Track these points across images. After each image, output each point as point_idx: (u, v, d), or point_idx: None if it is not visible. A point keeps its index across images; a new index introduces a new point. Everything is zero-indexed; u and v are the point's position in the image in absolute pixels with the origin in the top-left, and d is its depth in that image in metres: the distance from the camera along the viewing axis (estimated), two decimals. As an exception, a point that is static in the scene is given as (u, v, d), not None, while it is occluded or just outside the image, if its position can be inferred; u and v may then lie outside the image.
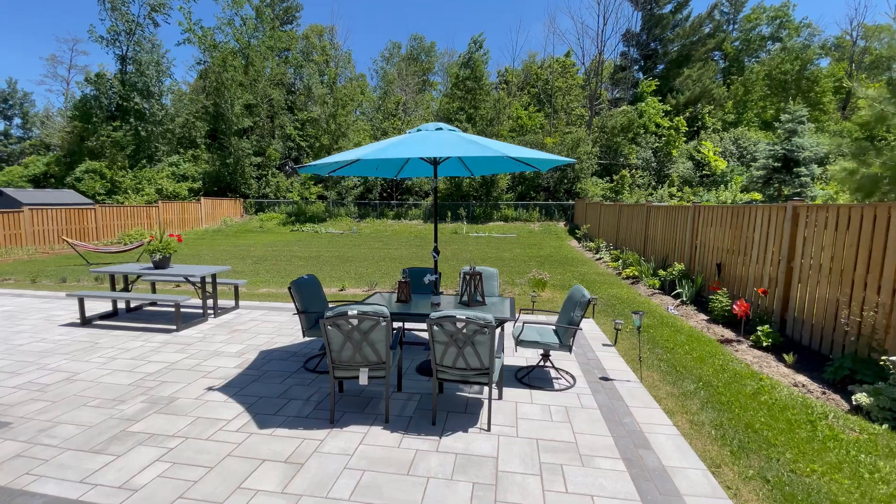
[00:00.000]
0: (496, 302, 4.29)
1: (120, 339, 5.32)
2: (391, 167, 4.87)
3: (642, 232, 11.90)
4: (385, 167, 4.82)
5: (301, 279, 4.43)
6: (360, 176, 26.56)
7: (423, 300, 4.37)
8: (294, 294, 4.24)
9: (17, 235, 14.94)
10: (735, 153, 28.64)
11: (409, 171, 5.00)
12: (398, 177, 5.18)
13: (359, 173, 4.73)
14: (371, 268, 11.53)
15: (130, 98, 27.49)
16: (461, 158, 4.80)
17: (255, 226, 24.10)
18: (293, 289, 4.24)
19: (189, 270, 6.01)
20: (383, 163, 4.66)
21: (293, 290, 4.24)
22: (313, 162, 3.62)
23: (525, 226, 23.46)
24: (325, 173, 4.48)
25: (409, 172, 5.06)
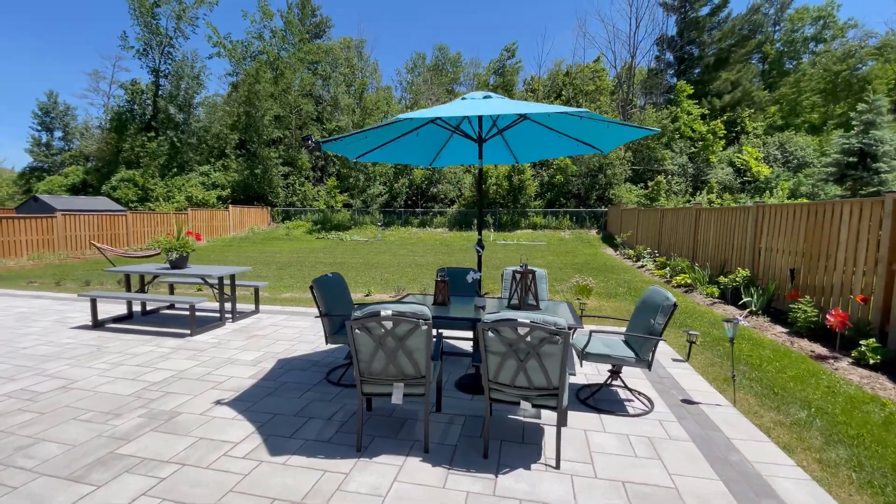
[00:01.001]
0: (551, 306, 3.61)
1: (129, 343, 4.87)
2: (427, 149, 4.27)
3: (690, 237, 10.96)
4: (421, 150, 4.23)
5: (325, 277, 3.86)
6: (396, 163, 26.33)
7: (464, 303, 3.73)
8: (316, 294, 3.67)
9: (49, 240, 15.13)
10: (780, 158, 27.03)
11: (447, 156, 4.40)
12: (432, 165, 4.59)
13: (390, 159, 4.17)
14: (397, 274, 10.98)
15: (164, 109, 28.23)
16: (507, 142, 4.17)
17: (281, 233, 24.06)
18: (315, 288, 3.68)
19: (206, 271, 5.56)
20: (419, 144, 4.06)
21: (315, 289, 3.67)
22: (341, 135, 3.06)
23: (555, 233, 22.57)
24: (353, 157, 3.94)
25: (448, 158, 4.46)
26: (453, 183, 27.22)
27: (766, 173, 25.77)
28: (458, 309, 3.49)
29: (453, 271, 4.51)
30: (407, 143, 3.89)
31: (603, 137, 3.56)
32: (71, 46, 61.67)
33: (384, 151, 3.94)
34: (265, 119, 27.31)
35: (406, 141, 3.84)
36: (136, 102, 30.90)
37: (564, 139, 3.80)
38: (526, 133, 3.83)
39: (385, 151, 3.94)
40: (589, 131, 3.55)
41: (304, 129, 31.76)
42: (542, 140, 3.94)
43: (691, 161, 27.30)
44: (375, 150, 3.85)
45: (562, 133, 3.73)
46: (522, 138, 3.99)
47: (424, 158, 4.43)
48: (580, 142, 3.80)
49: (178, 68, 29.13)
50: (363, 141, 3.44)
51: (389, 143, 3.81)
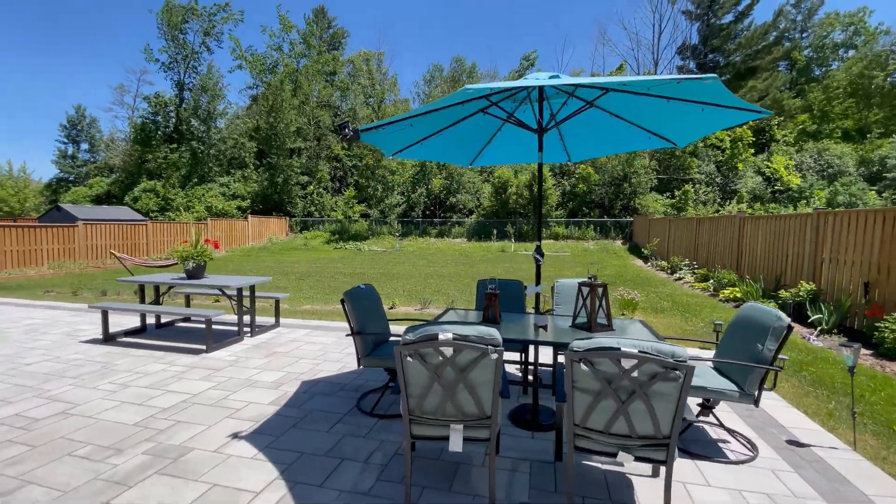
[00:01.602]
0: (625, 326, 3.05)
1: (140, 360, 4.45)
2: (472, 144, 3.78)
3: (732, 247, 10.25)
4: (465, 145, 3.75)
5: (357, 290, 3.38)
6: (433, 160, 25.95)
7: (515, 320, 3.20)
8: (348, 308, 3.18)
9: (70, 249, 15.10)
10: (815, 167, 25.93)
11: (492, 152, 3.91)
12: (473, 164, 4.10)
13: (429, 155, 3.71)
14: (419, 284, 10.49)
15: (186, 121, 28.60)
16: (562, 136, 3.67)
17: (299, 243, 23.88)
18: (347, 302, 3.19)
19: (224, 281, 5.15)
20: (465, 136, 3.57)
21: (347, 303, 3.19)
22: (382, 121, 2.60)
23: (578, 244, 21.87)
24: (390, 153, 3.48)
25: (493, 155, 3.96)
26: (472, 193, 26.79)
27: (797, 182, 24.70)
28: (514, 328, 2.96)
29: (502, 283, 3.99)
30: (451, 136, 3.41)
31: (685, 125, 3.03)
32: (97, 62, 63.78)
33: (424, 146, 3.47)
34: (288, 129, 27.43)
35: (451, 133, 3.36)
36: (160, 114, 31.43)
37: (634, 130, 3.28)
38: (588, 123, 3.32)
39: (425, 146, 3.47)
40: (668, 118, 3.02)
41: (320, 141, 31.84)
42: (606, 132, 3.42)
43: (718, 170, 26.36)
44: (415, 144, 3.38)
45: (632, 123, 3.21)
46: (582, 130, 3.48)
47: (466, 155, 3.95)
48: (652, 133, 3.27)
49: (201, 81, 29.57)
50: (404, 132, 2.98)
51: (431, 137, 3.34)
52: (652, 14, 32.96)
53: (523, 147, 3.71)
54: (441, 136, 3.33)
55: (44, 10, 57.86)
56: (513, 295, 4.04)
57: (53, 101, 67.12)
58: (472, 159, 3.98)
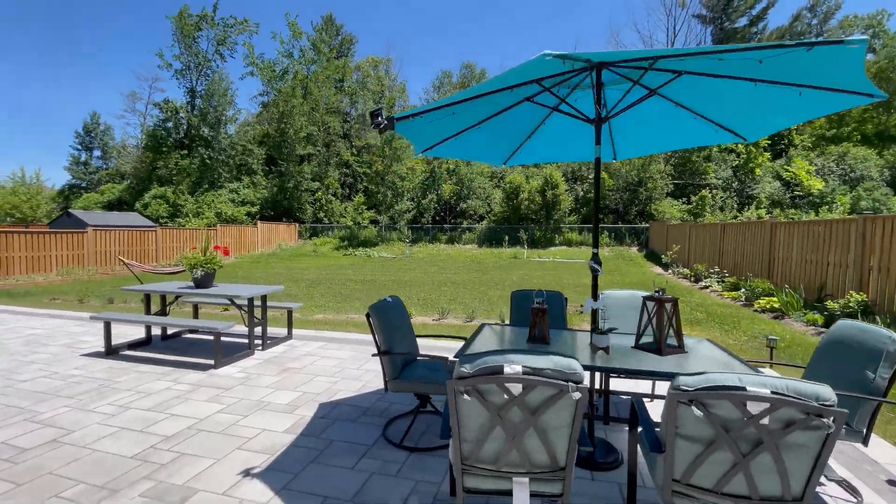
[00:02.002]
0: (693, 346, 2.63)
1: (143, 377, 4.10)
2: (511, 138, 3.38)
3: (763, 254, 9.77)
4: (503, 140, 3.36)
5: (384, 303, 3.00)
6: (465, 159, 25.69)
7: (568, 341, 2.80)
8: (374, 324, 2.81)
9: (80, 256, 14.94)
10: (836, 171, 25.24)
11: (532, 149, 3.51)
12: (507, 164, 3.72)
13: (461, 153, 3.35)
14: (433, 292, 10.11)
15: (198, 128, 28.64)
16: (610, 130, 3.28)
17: (308, 250, 23.65)
18: (374, 317, 2.81)
19: (235, 290, 4.80)
20: (505, 130, 3.18)
21: (374, 318, 2.81)
22: (421, 108, 2.24)
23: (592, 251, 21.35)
24: (420, 150, 3.11)
25: (531, 153, 3.57)
26: (482, 198, 26.44)
27: (819, 187, 24.02)
28: (569, 351, 2.56)
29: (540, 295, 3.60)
30: (489, 130, 3.04)
31: (765, 115, 2.63)
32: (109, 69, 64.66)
33: (459, 142, 3.09)
34: (298, 135, 27.35)
35: (489, 127, 2.99)
36: (171, 121, 31.58)
37: (700, 123, 2.88)
38: (644, 116, 2.93)
39: (460, 141, 3.09)
40: (745, 107, 2.63)
41: (330, 147, 31.73)
42: (664, 125, 3.02)
43: (735, 175, 25.77)
44: (449, 139, 3.01)
45: (699, 114, 2.82)
46: (634, 124, 3.09)
47: (501, 153, 3.56)
48: (721, 126, 2.87)
49: (212, 88, 29.66)
50: (442, 122, 2.61)
51: (468, 131, 2.97)
52: (666, 17, 32.45)
53: (568, 142, 3.33)
54: (479, 129, 2.96)
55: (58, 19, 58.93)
56: (553, 309, 3.63)
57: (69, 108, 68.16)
58: (508, 157, 3.60)
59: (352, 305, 8.42)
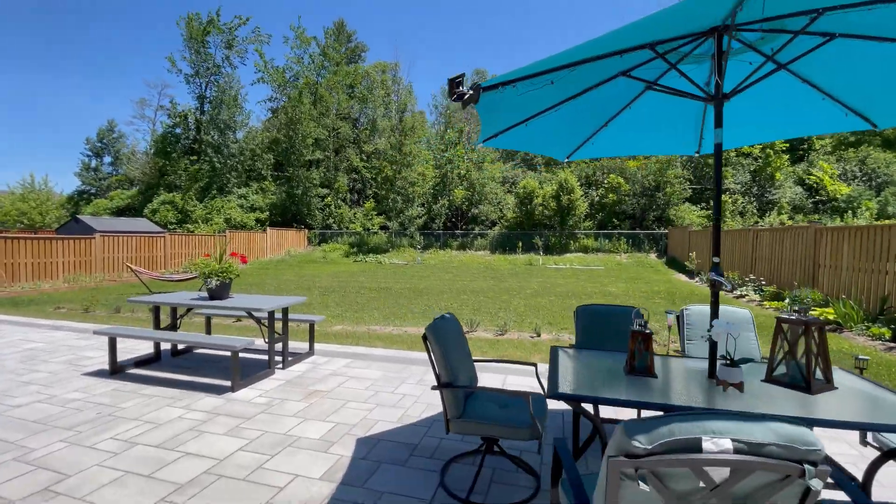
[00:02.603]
0: (840, 380, 2.08)
1: (151, 402, 3.60)
2: (584, 125, 2.86)
3: (805, 262, 9.17)
4: (575, 128, 2.84)
5: (442, 322, 2.48)
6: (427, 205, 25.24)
7: (676, 372, 2.26)
8: (434, 349, 2.29)
9: (87, 262, 14.58)
10: (859, 176, 24.51)
11: (610, 138, 2.99)
12: (570, 159, 3.21)
13: (528, 146, 2.86)
14: (453, 301, 9.59)
15: (207, 133, 28.45)
16: (705, 115, 2.76)
17: (318, 256, 23.24)
18: (433, 340, 2.30)
19: (253, 302, 4.32)
20: (586, 112, 2.66)
21: (433, 341, 2.30)
22: (510, 74, 1.74)
23: (609, 257, 20.78)
24: (482, 139, 2.62)
25: (609, 143, 3.05)
26: (494, 203, 25.95)
27: (845, 192, 23.29)
28: (683, 388, 2.03)
29: (612, 311, 3.08)
30: (568, 114, 2.52)
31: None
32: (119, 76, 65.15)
33: (529, 128, 2.58)
34: (306, 141, 27.06)
35: (572, 109, 2.48)
36: (180, 126, 31.46)
37: (829, 105, 2.36)
38: (756, 97, 2.42)
39: (530, 128, 2.58)
40: (884, 85, 2.11)
41: (339, 153, 31.41)
42: (784, 107, 2.50)
43: (754, 179, 25.09)
44: (520, 124, 2.51)
45: (828, 94, 2.30)
46: (740, 107, 2.57)
47: (568, 144, 3.04)
48: (851, 110, 2.35)
49: (221, 93, 29.52)
50: (521, 100, 2.10)
51: (543, 115, 2.47)
52: None
53: (654, 131, 2.82)
54: (555, 113, 2.46)
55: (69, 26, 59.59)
56: (618, 327, 3.11)
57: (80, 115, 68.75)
58: (575, 150, 3.08)
59: (371, 316, 7.92)
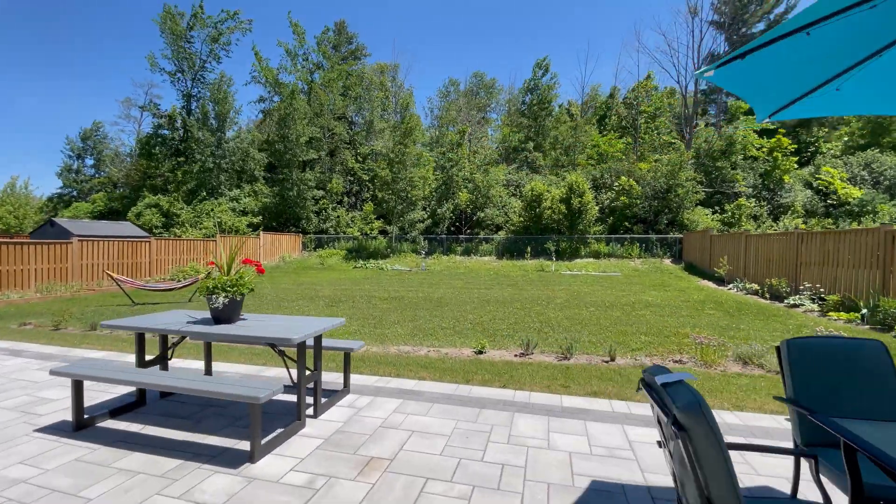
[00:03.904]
0: None
1: (134, 482, 2.43)
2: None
3: (871, 268, 8.26)
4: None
5: (812, 341, 1.51)
6: (430, 209, 24.04)
7: None
8: (792, 379, 1.26)
9: (62, 270, 13.16)
10: (868, 179, 24.06)
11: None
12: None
13: (844, 107, 1.79)
14: (480, 313, 8.48)
15: (195, 133, 27.01)
16: None
17: (314, 262, 21.95)
18: (796, 363, 1.38)
19: (276, 328, 3.15)
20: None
21: (795, 364, 1.33)
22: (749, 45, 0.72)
23: (623, 263, 19.86)
24: (765, 116, 1.54)
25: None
26: (499, 207, 24.95)
27: (858, 195, 22.78)
28: None
29: (845, 347, 2.02)
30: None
31: None
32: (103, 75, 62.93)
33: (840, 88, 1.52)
34: (300, 140, 25.78)
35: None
36: (167, 127, 30.00)
37: None
38: None
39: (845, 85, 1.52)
40: None
41: (334, 154, 30.15)
42: None
43: (763, 183, 24.50)
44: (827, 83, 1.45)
45: None
46: None
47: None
48: None
49: (210, 91, 28.12)
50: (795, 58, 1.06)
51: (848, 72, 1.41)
52: (691, 19, 31.32)
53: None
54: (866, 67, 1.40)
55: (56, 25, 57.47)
56: (865, 372, 2.04)
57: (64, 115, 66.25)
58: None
59: (394, 333, 6.78)
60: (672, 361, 5.07)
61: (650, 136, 29.98)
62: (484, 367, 4.85)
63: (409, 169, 23.76)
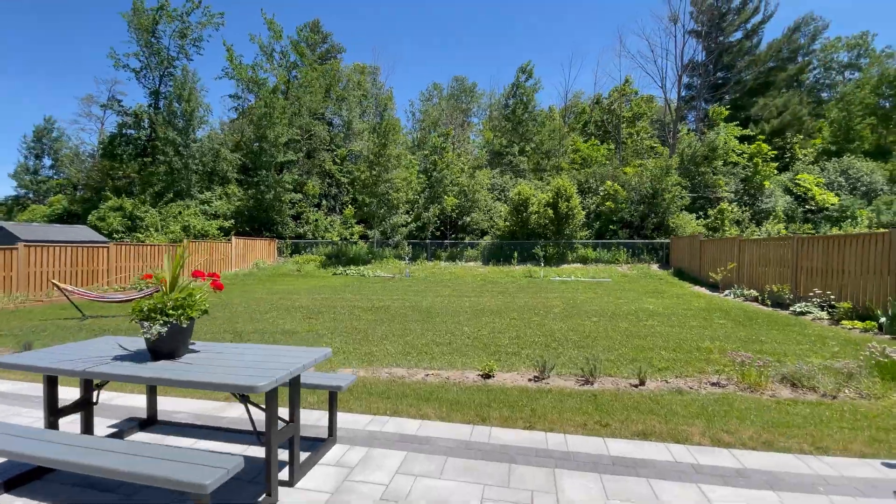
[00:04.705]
0: None
1: None
2: None
3: (882, 273, 7.89)
4: None
5: None
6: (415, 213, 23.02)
7: None
8: None
9: (6, 279, 11.76)
10: (845, 185, 24.51)
11: None
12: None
13: None
14: (477, 326, 7.72)
15: (162, 133, 25.44)
16: None
17: (290, 269, 20.77)
18: None
19: (236, 365, 2.30)
20: None
21: None
22: None
23: (611, 268, 19.47)
24: None
25: None
26: (485, 211, 24.32)
27: (835, 201, 23.13)
28: None
29: None
30: None
31: None
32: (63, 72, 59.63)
33: None
34: (277, 141, 24.57)
35: None
36: (132, 126, 28.24)
37: None
38: None
39: None
40: None
41: (312, 156, 28.99)
42: None
43: (744, 188, 24.67)
44: None
45: None
46: None
47: None
48: None
49: (177, 88, 26.54)
50: None
51: None
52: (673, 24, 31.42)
53: None
54: None
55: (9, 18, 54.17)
56: None
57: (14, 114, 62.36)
58: None
59: (383, 351, 5.95)
60: (709, 384, 4.41)
61: (632, 141, 30.00)
62: (497, 396, 4.08)
63: (390, 171, 22.90)
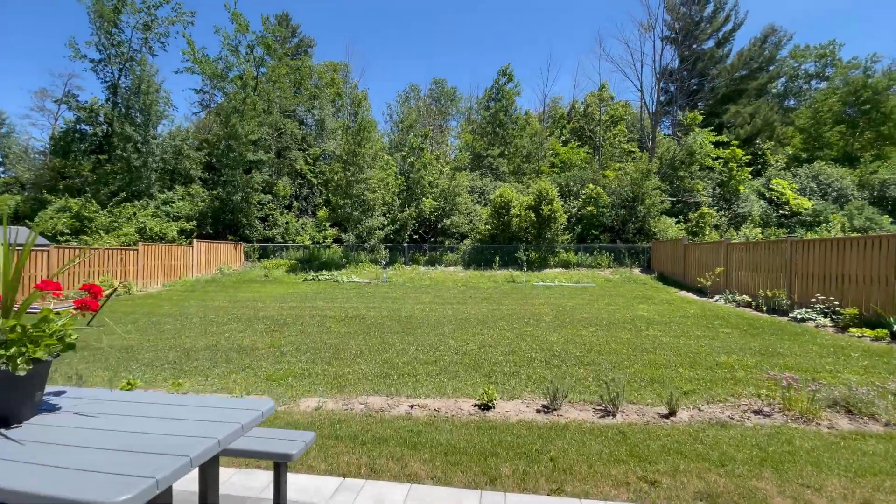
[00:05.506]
0: None
1: None
2: None
3: (890, 277, 7.49)
4: None
5: None
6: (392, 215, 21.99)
7: None
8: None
9: (-85, 287, 10.13)
10: (817, 191, 24.96)
11: None
12: None
13: None
14: (467, 339, 6.88)
15: (119, 128, 23.60)
16: None
17: (258, 274, 19.42)
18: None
19: (93, 449, 1.37)
20: None
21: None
22: None
23: (594, 273, 19.00)
24: None
25: None
26: (465, 214, 23.55)
27: (808, 206, 23.47)
28: None
29: None
30: None
31: None
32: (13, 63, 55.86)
33: None
34: (245, 139, 23.13)
35: None
36: (87, 122, 26.17)
37: None
38: None
39: None
40: None
41: (282, 155, 27.61)
42: None
43: (721, 193, 24.81)
44: None
45: None
46: None
47: None
48: None
49: (139, 83, 24.75)
50: None
51: None
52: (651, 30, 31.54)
53: None
54: None
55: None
56: None
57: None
58: None
59: (356, 374, 5.02)
60: (751, 413, 3.68)
61: (610, 145, 29.92)
62: (503, 439, 3.21)
63: (365, 171, 21.85)
